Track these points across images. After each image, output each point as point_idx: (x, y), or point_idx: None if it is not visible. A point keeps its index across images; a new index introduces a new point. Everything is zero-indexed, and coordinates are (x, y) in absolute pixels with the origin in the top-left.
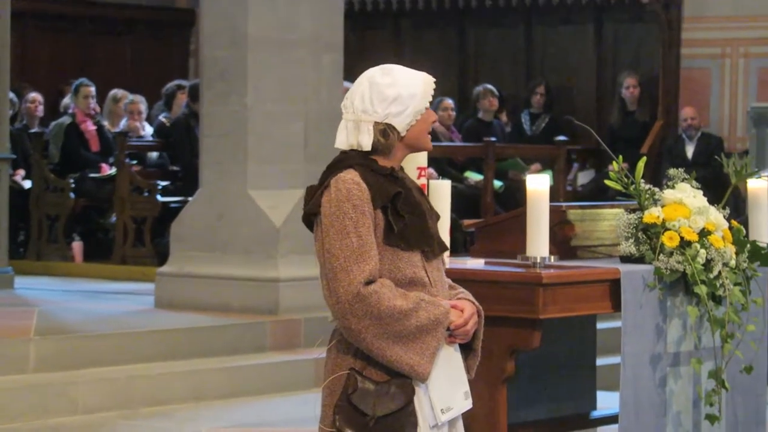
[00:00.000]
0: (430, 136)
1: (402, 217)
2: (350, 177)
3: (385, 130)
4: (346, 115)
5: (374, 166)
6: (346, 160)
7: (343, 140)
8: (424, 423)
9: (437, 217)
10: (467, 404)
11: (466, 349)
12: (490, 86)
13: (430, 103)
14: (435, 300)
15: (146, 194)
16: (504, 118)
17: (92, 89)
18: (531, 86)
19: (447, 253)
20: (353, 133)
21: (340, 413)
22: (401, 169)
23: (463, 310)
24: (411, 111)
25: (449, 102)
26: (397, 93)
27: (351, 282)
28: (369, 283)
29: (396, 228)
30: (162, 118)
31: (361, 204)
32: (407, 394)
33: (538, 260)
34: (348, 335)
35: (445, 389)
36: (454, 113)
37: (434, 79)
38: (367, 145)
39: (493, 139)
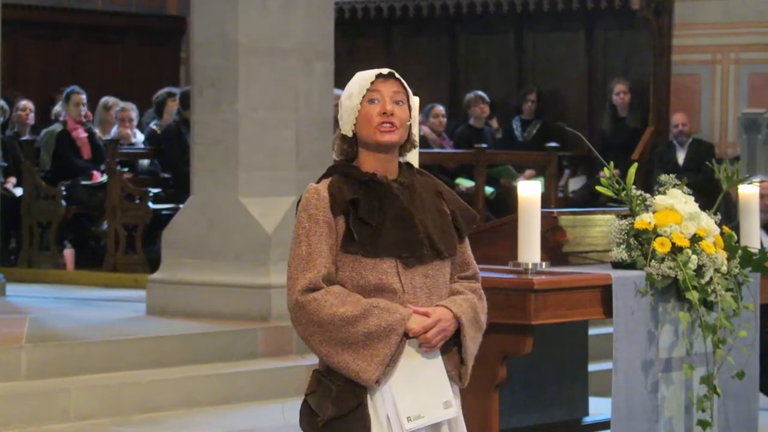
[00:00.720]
0: (381, 129)
1: (368, 225)
2: (315, 187)
3: (338, 137)
4: None
5: (352, 172)
6: (330, 169)
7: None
8: (381, 429)
9: (469, 218)
10: (448, 413)
11: (457, 358)
12: (481, 93)
13: (377, 97)
14: (392, 306)
15: (138, 201)
16: (494, 124)
17: (83, 96)
18: (522, 93)
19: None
20: None
21: (301, 414)
22: (407, 172)
23: (430, 316)
24: (348, 110)
25: (440, 109)
26: (341, 99)
27: (293, 290)
28: (311, 290)
29: (357, 236)
30: (153, 125)
31: (317, 213)
32: (358, 398)
33: (530, 266)
34: (302, 340)
35: (414, 397)
36: (444, 120)
37: (381, 71)
38: (335, 154)
39: (485, 145)
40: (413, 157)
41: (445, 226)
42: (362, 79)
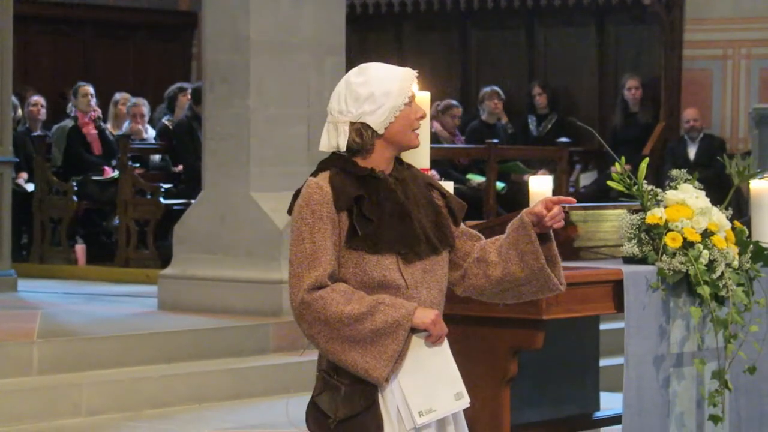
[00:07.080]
0: (416, 132)
1: (370, 221)
2: (316, 181)
3: (359, 130)
4: (328, 117)
5: (351, 167)
6: (325, 162)
7: (324, 142)
8: (392, 426)
9: (460, 206)
10: (460, 404)
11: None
12: (497, 88)
13: (410, 99)
14: (397, 302)
15: (149, 197)
16: (503, 119)
17: (90, 88)
18: (528, 90)
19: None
20: (333, 135)
21: (309, 415)
22: (399, 167)
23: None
24: (386, 108)
25: (458, 109)
26: (370, 91)
27: (299, 288)
28: (317, 288)
29: (361, 232)
30: (165, 121)
31: (320, 208)
32: (368, 397)
33: None
34: (307, 339)
35: (424, 391)
36: (459, 120)
37: (415, 73)
38: (342, 146)
39: (496, 141)
40: (425, 152)
41: (439, 218)
42: (402, 80)
